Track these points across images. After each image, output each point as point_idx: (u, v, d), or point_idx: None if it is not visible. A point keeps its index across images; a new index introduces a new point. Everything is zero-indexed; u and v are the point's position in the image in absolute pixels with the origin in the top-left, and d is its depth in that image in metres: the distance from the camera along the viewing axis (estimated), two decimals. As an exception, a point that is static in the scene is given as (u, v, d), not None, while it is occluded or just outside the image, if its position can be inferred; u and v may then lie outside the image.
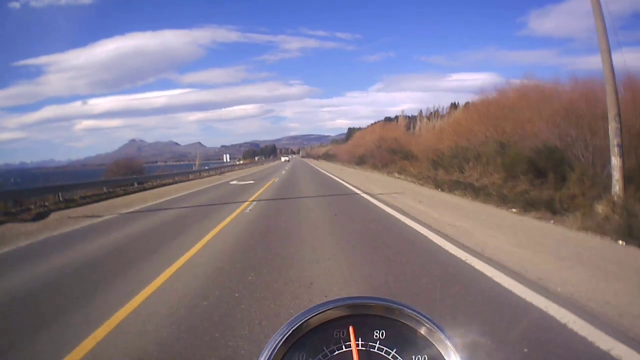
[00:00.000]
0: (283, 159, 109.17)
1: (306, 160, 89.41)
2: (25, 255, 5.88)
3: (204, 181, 23.35)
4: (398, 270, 4.18)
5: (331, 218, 7.80)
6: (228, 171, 38.05)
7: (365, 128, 65.58)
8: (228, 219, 7.90)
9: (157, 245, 5.84)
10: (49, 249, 6.28)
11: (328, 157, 74.45)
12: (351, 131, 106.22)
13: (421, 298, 3.34)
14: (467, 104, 23.33)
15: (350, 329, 0.62)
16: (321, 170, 31.70)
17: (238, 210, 9.08)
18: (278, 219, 7.95)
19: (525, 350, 2.37)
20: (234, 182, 20.54)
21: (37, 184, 15.23)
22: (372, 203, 9.77)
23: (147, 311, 3.27)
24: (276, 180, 20.27)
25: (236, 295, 3.56)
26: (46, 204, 11.97)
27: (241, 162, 77.62)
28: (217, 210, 9.56)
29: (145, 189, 18.18)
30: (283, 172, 30.97)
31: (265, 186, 16.66)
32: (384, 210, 8.41)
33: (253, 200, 11.19)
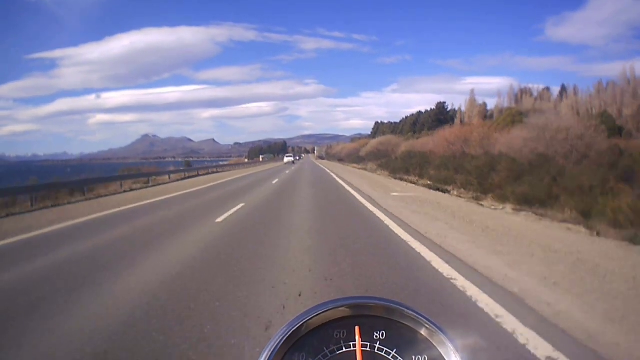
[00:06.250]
0: (286, 159, 64.88)
1: (330, 171, 30.96)
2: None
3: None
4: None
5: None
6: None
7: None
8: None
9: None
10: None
11: (381, 159, 35.83)
12: (379, 126, 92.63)
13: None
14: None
15: (357, 328, 0.63)
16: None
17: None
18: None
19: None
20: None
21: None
22: None
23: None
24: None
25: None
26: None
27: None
28: None
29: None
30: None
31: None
32: None
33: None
